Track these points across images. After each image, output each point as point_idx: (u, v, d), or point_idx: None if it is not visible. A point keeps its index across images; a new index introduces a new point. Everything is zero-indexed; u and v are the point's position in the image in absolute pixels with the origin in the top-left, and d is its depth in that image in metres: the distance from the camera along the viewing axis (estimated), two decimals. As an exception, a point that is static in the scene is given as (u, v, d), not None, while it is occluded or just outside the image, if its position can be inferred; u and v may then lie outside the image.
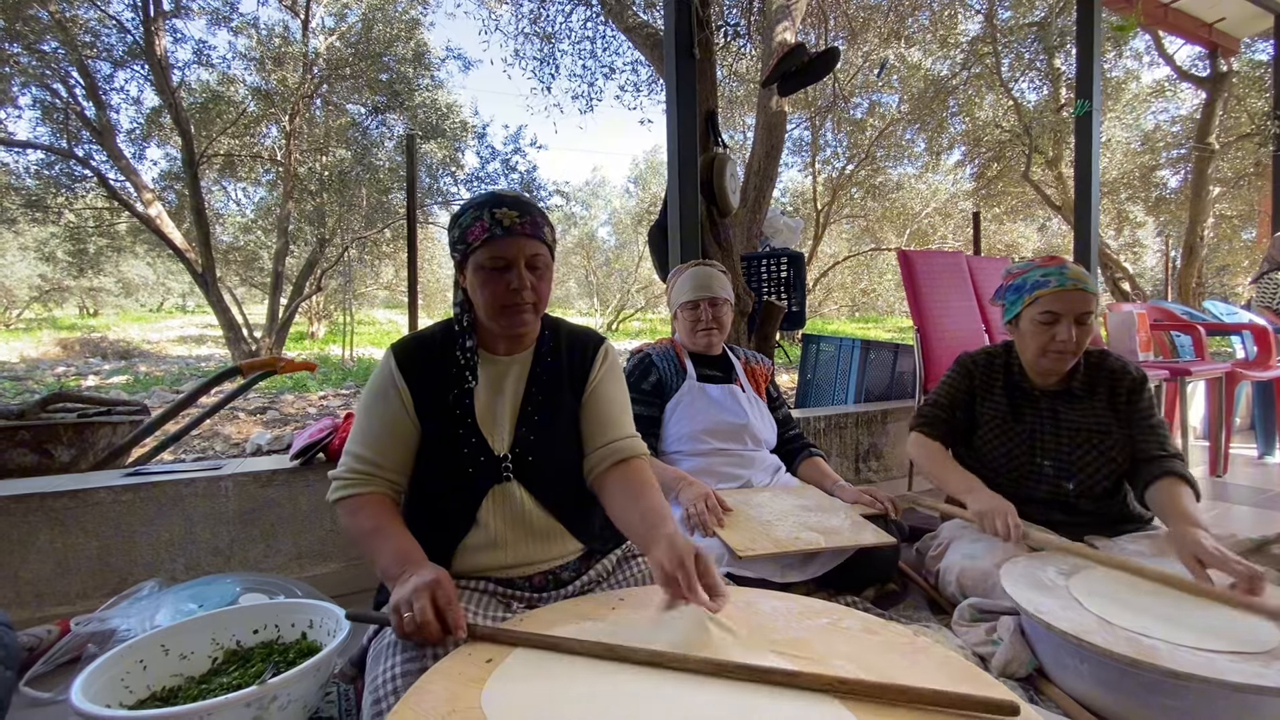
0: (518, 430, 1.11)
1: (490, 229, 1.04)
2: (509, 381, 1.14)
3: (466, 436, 1.09)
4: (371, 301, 17.50)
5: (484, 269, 1.05)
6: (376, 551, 0.98)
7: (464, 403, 1.10)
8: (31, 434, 2.03)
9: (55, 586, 1.58)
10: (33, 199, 8.69)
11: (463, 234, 1.06)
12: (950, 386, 1.75)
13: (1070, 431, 1.59)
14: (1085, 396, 1.60)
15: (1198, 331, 3.43)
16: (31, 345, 11.32)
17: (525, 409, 1.13)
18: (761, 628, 0.90)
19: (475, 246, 1.05)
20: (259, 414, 5.67)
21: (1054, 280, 1.53)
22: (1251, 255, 12.62)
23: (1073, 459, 1.58)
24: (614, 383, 1.22)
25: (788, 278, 3.88)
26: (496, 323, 1.08)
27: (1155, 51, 9.09)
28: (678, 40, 2.68)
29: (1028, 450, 1.63)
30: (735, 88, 8.71)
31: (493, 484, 1.09)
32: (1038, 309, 1.55)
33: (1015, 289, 1.62)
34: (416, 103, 9.74)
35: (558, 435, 1.15)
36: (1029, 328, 1.58)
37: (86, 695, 0.92)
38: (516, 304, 1.06)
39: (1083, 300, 1.52)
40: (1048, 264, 1.58)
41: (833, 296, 19.56)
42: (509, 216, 1.05)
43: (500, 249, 1.04)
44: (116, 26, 8.08)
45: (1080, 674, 1.11)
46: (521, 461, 1.10)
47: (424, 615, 0.84)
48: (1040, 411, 1.63)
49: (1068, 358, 1.55)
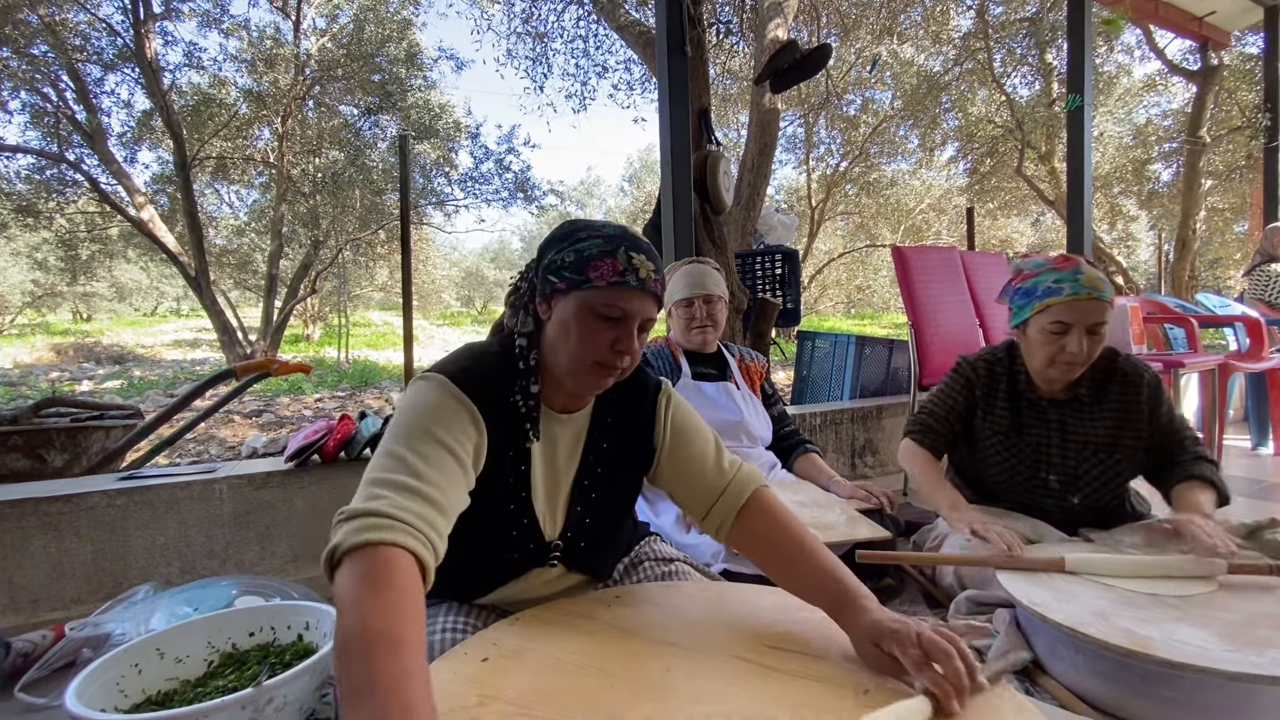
0: (572, 509, 0.96)
1: (624, 275, 0.85)
2: (563, 446, 0.96)
3: (518, 515, 0.92)
4: (367, 303, 17.47)
5: (594, 314, 0.86)
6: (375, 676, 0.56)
7: (520, 469, 0.91)
8: (24, 439, 2.03)
9: (50, 591, 1.57)
10: (24, 204, 8.65)
11: (581, 262, 0.86)
12: (948, 396, 1.65)
13: (1077, 445, 1.51)
14: (1094, 404, 1.52)
15: (1190, 324, 3.44)
16: (25, 351, 11.26)
17: (581, 483, 0.97)
18: (758, 623, 0.90)
19: (596, 285, 0.85)
20: (254, 417, 5.65)
21: (1067, 287, 1.42)
22: (1244, 248, 12.69)
23: (1079, 473, 1.52)
24: (689, 426, 1.03)
25: (782, 275, 3.89)
26: (575, 378, 0.89)
27: (1146, 45, 9.13)
28: (669, 38, 2.68)
29: (1032, 464, 1.56)
30: (728, 85, 8.72)
31: (535, 567, 0.97)
32: (1048, 318, 1.44)
33: (1025, 293, 1.51)
34: (409, 103, 9.72)
35: (612, 514, 1.02)
36: (1037, 336, 1.47)
37: (81, 700, 0.92)
38: (612, 365, 0.88)
39: (1097, 310, 1.41)
40: (1061, 266, 1.46)
41: (828, 293, 19.61)
42: (645, 267, 0.87)
43: (624, 300, 0.86)
44: (106, 29, 8.05)
45: (1076, 665, 1.12)
46: (573, 547, 0.97)
47: None
48: (1047, 423, 1.54)
49: (1077, 369, 1.46)
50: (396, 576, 0.64)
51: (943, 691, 0.68)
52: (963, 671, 0.69)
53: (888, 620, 0.76)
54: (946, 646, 0.71)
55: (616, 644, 0.85)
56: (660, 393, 1.04)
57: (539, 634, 0.88)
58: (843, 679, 0.76)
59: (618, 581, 1.12)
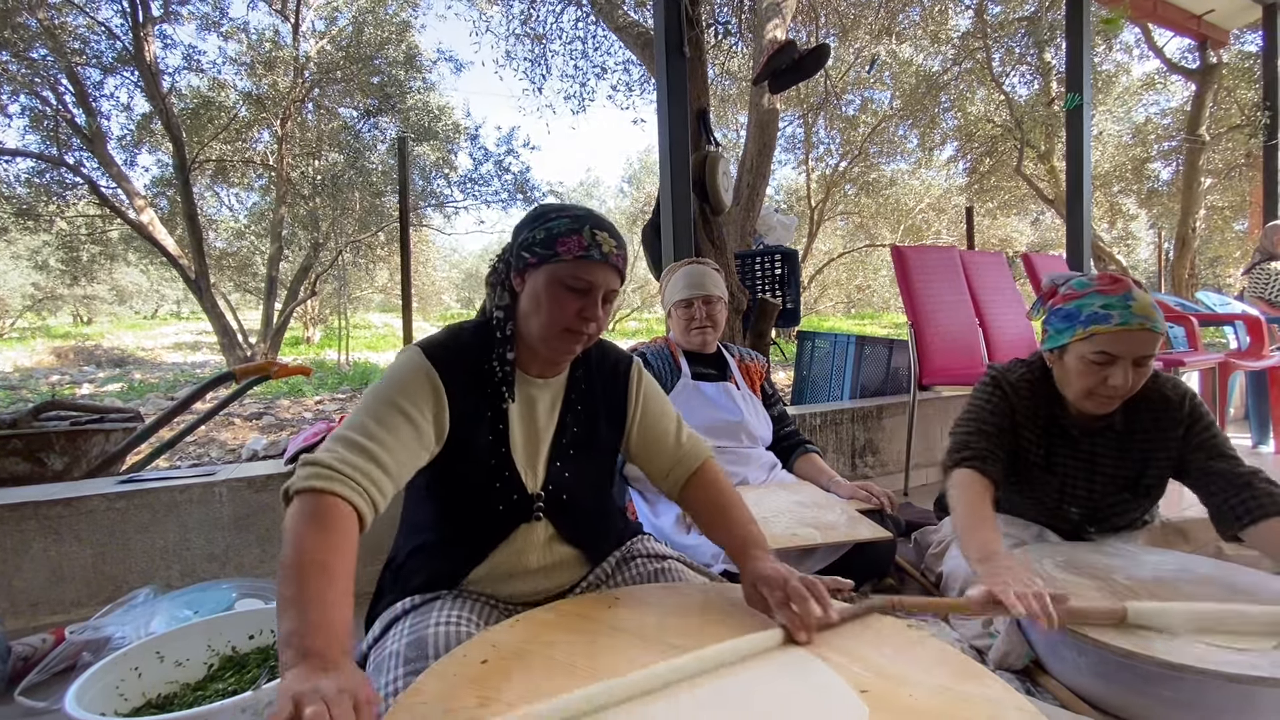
0: (551, 464, 1.04)
1: (588, 249, 0.95)
2: (542, 408, 1.05)
3: (499, 469, 0.99)
4: (367, 305, 17.48)
5: (561, 285, 0.95)
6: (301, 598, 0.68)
7: (499, 427, 1.00)
8: (24, 442, 2.03)
9: (50, 595, 1.57)
10: (24, 207, 8.65)
11: (550, 239, 0.96)
12: (991, 414, 1.45)
13: (1105, 479, 1.43)
14: (1126, 433, 1.41)
15: (1191, 322, 3.44)
16: (25, 354, 11.27)
17: (560, 440, 1.05)
18: (759, 624, 0.90)
19: (563, 259, 0.95)
20: (255, 419, 5.66)
21: (1116, 315, 1.27)
22: (1243, 246, 12.69)
23: (1102, 507, 1.46)
24: (655, 400, 1.15)
25: (782, 275, 3.89)
26: (547, 344, 0.98)
27: (1145, 44, 9.14)
28: (668, 39, 2.68)
29: (1056, 498, 1.48)
30: (727, 86, 8.73)
31: (521, 523, 1.01)
32: (1091, 347, 1.29)
33: (1067, 316, 1.35)
34: (408, 105, 9.73)
35: (591, 469, 1.09)
36: (1076, 365, 1.33)
37: (81, 703, 0.92)
38: (579, 331, 0.97)
39: (1148, 342, 1.26)
40: (1109, 290, 1.30)
41: (828, 293, 19.61)
42: (608, 242, 0.97)
43: (589, 272, 0.96)
44: (105, 33, 8.06)
45: (1077, 666, 1.12)
46: (555, 500, 1.03)
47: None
48: (1078, 456, 1.44)
49: (1117, 401, 1.33)
50: (333, 520, 0.76)
51: (793, 625, 0.84)
52: (815, 611, 0.85)
53: (767, 568, 0.91)
54: (804, 591, 0.86)
55: (616, 645, 0.85)
56: (633, 366, 1.15)
57: (539, 636, 0.88)
58: (828, 670, 0.76)
59: (610, 575, 1.13)
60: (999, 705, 0.72)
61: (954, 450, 1.44)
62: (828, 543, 1.46)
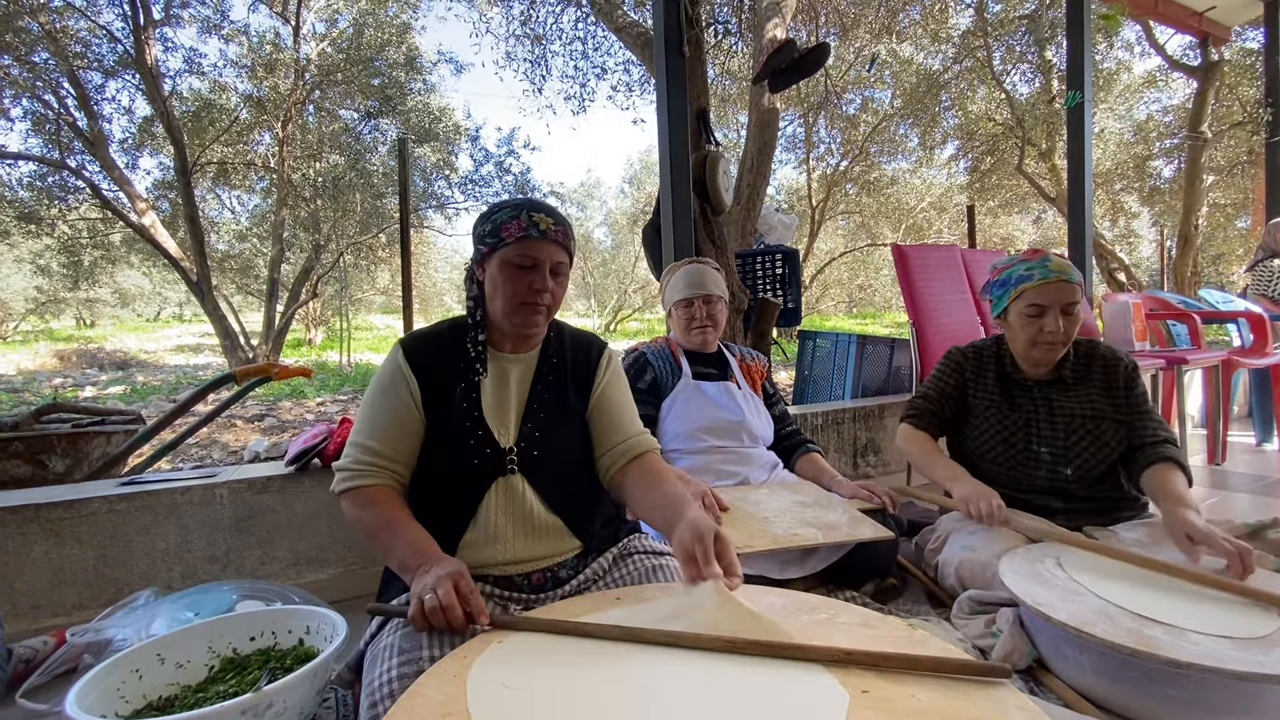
0: (524, 425, 1.14)
1: (527, 229, 1.08)
2: (515, 378, 1.16)
3: (473, 429, 1.10)
4: (368, 307, 17.51)
5: (511, 265, 1.09)
6: (391, 545, 0.99)
7: (471, 395, 1.12)
8: (25, 445, 2.03)
9: (51, 597, 1.57)
10: (26, 211, 8.68)
11: (496, 229, 1.10)
12: (939, 379, 1.78)
13: (1065, 418, 1.60)
14: (1078, 384, 1.63)
15: (1193, 320, 3.43)
16: (28, 357, 11.30)
17: (531, 405, 1.15)
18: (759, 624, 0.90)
19: (507, 243, 1.08)
20: (256, 421, 5.66)
21: (1037, 273, 1.55)
22: (1246, 243, 12.66)
23: (1069, 444, 1.59)
24: (619, 386, 1.25)
25: (783, 274, 3.88)
26: (510, 320, 1.11)
27: (1146, 41, 9.11)
28: (667, 39, 2.68)
29: (1024, 437, 1.63)
30: (727, 85, 8.72)
31: (497, 476, 1.10)
32: (1024, 303, 1.57)
33: (1000, 284, 1.64)
34: (409, 107, 9.74)
35: (563, 432, 1.17)
36: (1017, 321, 1.60)
37: (82, 706, 0.92)
38: (534, 304, 1.09)
39: (1067, 290, 1.54)
40: (1030, 258, 1.60)
41: (829, 293, 19.60)
42: (545, 221, 1.10)
43: (531, 249, 1.09)
44: (107, 36, 8.08)
45: (1080, 665, 1.11)
46: (527, 456, 1.12)
47: (449, 599, 0.85)
48: (1034, 400, 1.64)
49: (1058, 347, 1.57)
50: (375, 497, 1.06)
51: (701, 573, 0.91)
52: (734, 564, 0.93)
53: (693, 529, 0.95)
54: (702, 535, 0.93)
55: (619, 645, 0.85)
56: (604, 351, 1.26)
57: (540, 634, 0.88)
58: (842, 677, 0.76)
59: (607, 571, 1.15)
60: (1002, 705, 0.71)
61: (904, 409, 1.82)
62: (829, 542, 1.46)
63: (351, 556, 1.86)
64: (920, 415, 1.76)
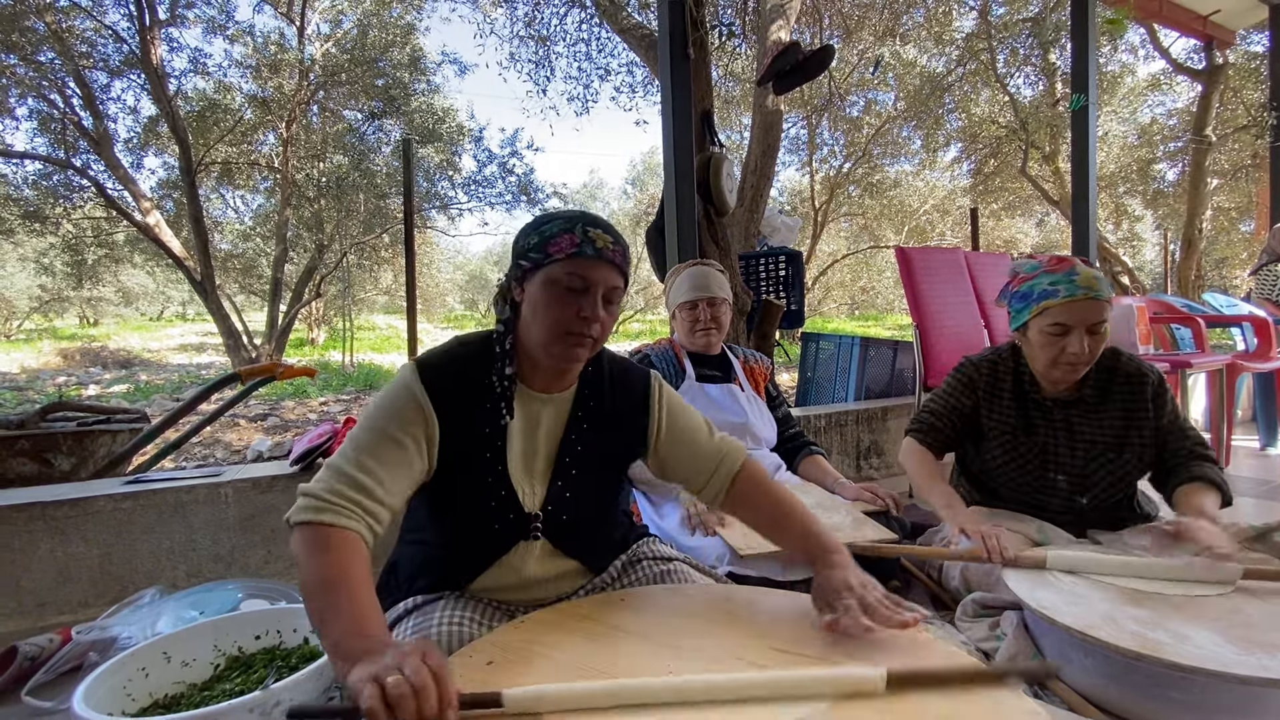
0: (553, 483, 1.00)
1: (580, 246, 0.92)
2: (544, 424, 1.00)
3: (496, 487, 0.96)
4: (371, 307, 17.52)
5: (558, 286, 0.92)
6: (327, 612, 0.73)
7: (496, 444, 0.96)
8: (31, 443, 2.03)
9: (57, 595, 1.57)
10: (31, 210, 8.71)
11: (543, 242, 0.93)
12: (950, 396, 1.65)
13: (1085, 444, 1.50)
14: (1099, 404, 1.51)
15: (1198, 324, 3.43)
16: (32, 356, 11.33)
17: (563, 459, 1.00)
18: (763, 626, 0.90)
19: (556, 259, 0.92)
20: (259, 421, 5.67)
21: (1063, 289, 1.41)
22: (1250, 247, 12.62)
23: (1087, 472, 1.50)
24: (679, 413, 1.10)
25: (786, 276, 3.89)
26: (548, 350, 0.94)
27: (1150, 45, 9.10)
28: (672, 41, 2.69)
29: (1040, 464, 1.54)
30: (731, 87, 8.72)
31: (517, 540, 0.99)
32: (1046, 320, 1.43)
33: (1022, 296, 1.50)
34: (413, 107, 9.76)
35: (595, 490, 1.05)
36: (1038, 338, 1.46)
37: (89, 703, 0.92)
38: (581, 334, 0.93)
39: (1095, 309, 1.40)
40: (1055, 268, 1.45)
41: (832, 295, 19.58)
42: (602, 238, 0.94)
43: (585, 269, 0.92)
44: (112, 36, 8.11)
45: (1085, 668, 1.11)
46: (554, 520, 1.00)
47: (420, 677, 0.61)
48: (1053, 423, 1.53)
49: (1080, 368, 1.45)
50: (335, 542, 0.80)
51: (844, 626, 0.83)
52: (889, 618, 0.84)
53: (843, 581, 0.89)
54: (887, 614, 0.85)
55: (621, 647, 0.85)
56: (652, 381, 1.10)
57: (543, 636, 0.88)
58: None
59: (616, 579, 1.12)
60: (1006, 708, 0.71)
61: (910, 422, 1.70)
62: (833, 544, 1.46)
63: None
64: (926, 430, 1.65)
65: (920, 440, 1.65)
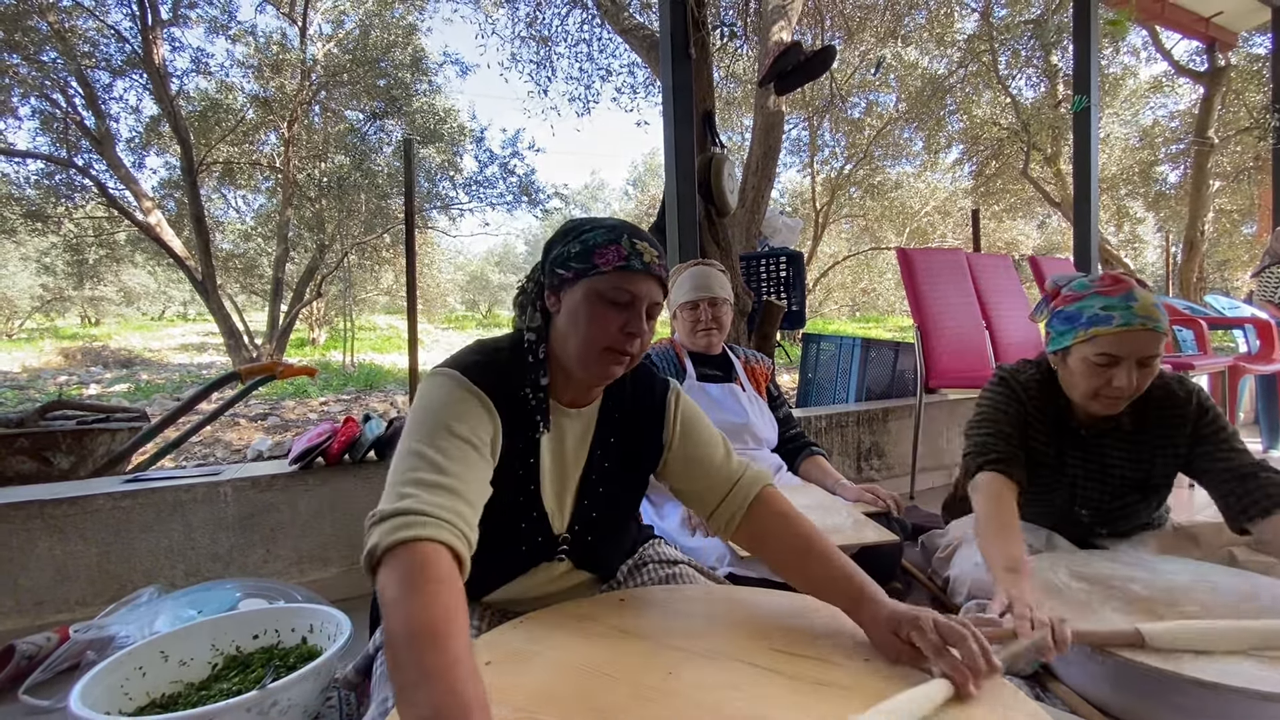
0: (579, 503, 0.97)
1: (629, 259, 0.87)
2: (571, 440, 0.97)
3: (528, 508, 0.92)
4: (372, 307, 17.53)
5: (602, 299, 0.87)
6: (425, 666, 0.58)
7: (529, 461, 0.91)
8: (30, 441, 2.03)
9: (55, 594, 1.57)
10: (33, 209, 8.71)
11: (587, 251, 0.88)
12: (1008, 414, 1.43)
13: (1115, 481, 1.41)
14: (1135, 433, 1.40)
15: (1200, 326, 3.42)
16: (33, 355, 11.34)
17: (589, 477, 0.97)
18: (764, 627, 0.90)
19: (603, 271, 0.87)
20: (259, 420, 5.67)
21: (1118, 316, 1.24)
22: (1252, 249, 12.61)
23: (1112, 509, 1.44)
24: (696, 427, 1.04)
25: (787, 277, 3.88)
26: (587, 366, 0.89)
27: (1152, 46, 9.10)
28: (673, 41, 2.68)
29: (1067, 499, 1.46)
30: (732, 88, 8.73)
31: (541, 561, 0.97)
32: (1094, 349, 1.27)
33: (1068, 318, 1.33)
34: (414, 108, 9.77)
35: (617, 506, 1.03)
36: (1080, 367, 1.31)
37: (85, 702, 0.92)
38: (622, 350, 0.88)
39: (1151, 342, 1.24)
40: (1110, 291, 1.28)
41: (833, 296, 19.57)
42: (649, 252, 0.90)
43: (631, 283, 0.88)
44: (115, 36, 8.12)
45: (1088, 671, 1.10)
46: (580, 541, 0.98)
47: None
48: (1087, 456, 1.42)
49: (1123, 403, 1.30)
50: (433, 570, 0.66)
51: (959, 674, 0.71)
52: (978, 654, 0.73)
53: (906, 610, 0.79)
54: (962, 630, 0.75)
55: (621, 647, 0.84)
56: (670, 391, 1.05)
57: (543, 637, 0.87)
58: (849, 682, 0.75)
59: (621, 583, 1.11)
60: (1008, 710, 0.71)
61: (977, 453, 1.40)
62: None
63: (355, 555, 1.86)
64: (1009, 460, 1.35)
65: (1003, 472, 1.34)
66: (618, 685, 0.75)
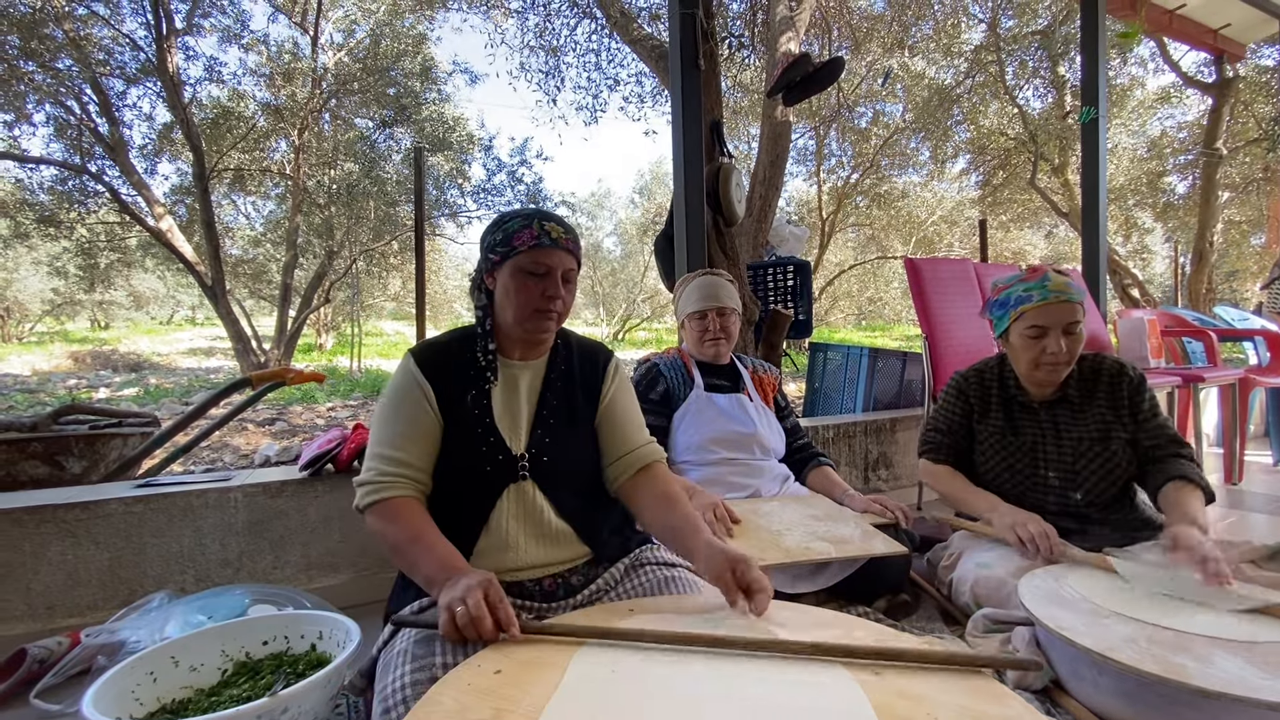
0: (534, 431, 1.16)
1: (539, 237, 1.11)
2: (524, 385, 1.18)
3: (485, 435, 1.12)
4: (379, 313, 17.61)
5: (524, 273, 1.11)
6: (417, 560, 0.98)
7: (483, 403, 1.14)
8: (43, 446, 2.05)
9: (66, 598, 1.58)
10: (46, 214, 8.81)
11: (508, 237, 1.12)
12: (946, 409, 1.75)
13: (1072, 441, 1.58)
14: (1084, 403, 1.60)
15: (1209, 337, 3.40)
16: (44, 358, 11.43)
17: (541, 412, 1.17)
18: (768, 631, 0.90)
19: (520, 250, 1.11)
20: (267, 425, 5.70)
21: (1036, 294, 1.53)
22: (1261, 261, 12.54)
23: (1077, 469, 1.57)
24: (626, 395, 1.27)
25: (794, 286, 3.88)
26: (522, 326, 1.13)
27: (1160, 58, 9.09)
28: (683, 52, 2.70)
29: (1030, 462, 1.62)
30: (740, 98, 8.77)
31: (509, 483, 1.12)
32: (1024, 324, 1.55)
33: (1000, 305, 1.62)
34: (424, 116, 9.84)
35: (573, 438, 1.19)
36: (1018, 342, 1.58)
37: (97, 707, 0.92)
38: (548, 310, 1.12)
39: (1068, 311, 1.51)
40: (1029, 277, 1.58)
41: (839, 305, 19.55)
42: (555, 230, 1.12)
43: (544, 257, 1.11)
44: (130, 44, 8.22)
45: (1098, 685, 1.10)
46: (538, 462, 1.14)
47: (479, 610, 0.85)
48: (1040, 423, 1.62)
49: (1061, 368, 1.55)
50: (400, 512, 1.04)
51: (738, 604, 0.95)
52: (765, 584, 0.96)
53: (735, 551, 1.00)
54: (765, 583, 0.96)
55: (630, 655, 0.84)
56: (611, 361, 1.29)
57: (552, 646, 0.88)
58: (852, 683, 0.75)
59: (619, 582, 1.15)
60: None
61: (919, 445, 1.80)
62: (842, 557, 1.45)
63: (364, 562, 1.87)
64: (936, 448, 1.74)
65: (934, 459, 1.74)
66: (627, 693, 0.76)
